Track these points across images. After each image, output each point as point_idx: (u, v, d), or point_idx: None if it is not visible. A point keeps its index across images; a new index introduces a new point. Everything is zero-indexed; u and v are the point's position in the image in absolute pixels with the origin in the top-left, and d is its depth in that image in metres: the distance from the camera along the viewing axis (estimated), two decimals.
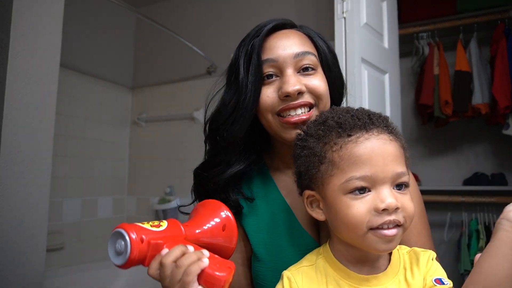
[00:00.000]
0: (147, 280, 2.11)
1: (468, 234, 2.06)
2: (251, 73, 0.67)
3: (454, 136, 2.32)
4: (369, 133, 0.53)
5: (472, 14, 2.10)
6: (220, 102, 0.72)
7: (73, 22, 2.14)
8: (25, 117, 1.03)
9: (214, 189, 0.71)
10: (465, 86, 2.05)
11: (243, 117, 0.67)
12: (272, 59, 0.67)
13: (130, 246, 0.47)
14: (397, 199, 0.50)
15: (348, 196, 0.51)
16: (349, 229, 0.52)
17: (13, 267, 0.99)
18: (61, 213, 2.12)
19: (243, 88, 0.67)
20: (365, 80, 1.46)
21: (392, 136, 0.54)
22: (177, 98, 2.51)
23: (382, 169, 0.50)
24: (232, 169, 0.71)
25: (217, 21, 2.45)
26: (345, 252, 0.56)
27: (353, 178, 0.51)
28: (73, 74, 2.23)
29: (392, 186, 0.52)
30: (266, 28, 0.69)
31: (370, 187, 0.51)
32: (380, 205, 0.49)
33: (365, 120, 0.54)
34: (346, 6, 1.40)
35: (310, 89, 0.67)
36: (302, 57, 0.67)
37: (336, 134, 0.54)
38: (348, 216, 0.51)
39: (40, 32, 1.08)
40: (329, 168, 0.53)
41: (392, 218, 0.50)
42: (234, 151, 0.71)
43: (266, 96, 0.68)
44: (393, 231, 0.50)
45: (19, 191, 1.02)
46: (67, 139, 2.20)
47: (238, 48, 0.72)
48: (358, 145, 0.52)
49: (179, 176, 2.43)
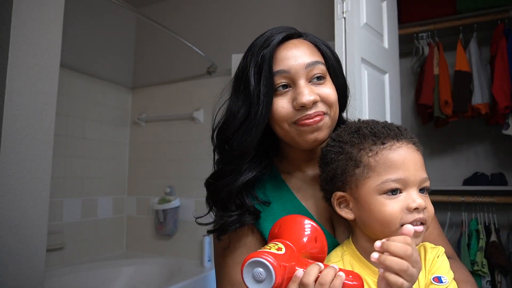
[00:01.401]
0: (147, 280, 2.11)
1: (468, 234, 2.06)
2: (263, 84, 0.68)
3: (454, 136, 2.32)
4: (400, 142, 0.61)
5: (472, 14, 2.10)
6: (227, 112, 0.73)
7: (73, 22, 2.14)
8: (25, 117, 1.04)
9: (228, 197, 0.71)
10: (465, 86, 2.05)
11: (255, 128, 0.68)
12: (284, 70, 0.68)
13: (274, 272, 0.49)
14: (423, 200, 0.58)
15: (383, 196, 0.59)
16: (383, 225, 0.58)
17: (13, 267, 0.99)
18: (61, 213, 2.12)
19: (255, 99, 0.68)
20: (365, 80, 1.46)
21: (416, 147, 0.63)
22: (177, 98, 2.51)
23: (413, 173, 0.59)
24: (244, 177, 0.71)
25: (217, 21, 2.45)
26: (371, 248, 0.59)
27: (389, 180, 0.58)
28: (73, 74, 2.23)
29: (418, 190, 0.59)
30: (276, 39, 0.70)
31: (402, 189, 0.59)
32: (412, 205, 0.57)
33: (396, 131, 0.62)
34: (346, 6, 1.40)
35: (323, 98, 0.69)
36: (313, 67, 0.69)
37: (371, 142, 0.62)
38: (384, 214, 0.58)
39: (40, 32, 1.08)
40: (365, 171, 0.60)
41: (421, 216, 0.58)
42: (245, 160, 0.71)
43: (281, 107, 0.69)
44: (421, 227, 0.58)
45: (19, 191, 1.02)
46: (67, 139, 2.20)
47: (245, 58, 0.72)
48: (393, 152, 0.60)
49: (179, 176, 2.43)
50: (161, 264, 2.25)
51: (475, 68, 2.05)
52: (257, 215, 0.72)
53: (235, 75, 0.74)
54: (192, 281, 1.93)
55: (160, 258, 2.35)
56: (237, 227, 0.70)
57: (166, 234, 2.38)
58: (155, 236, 2.46)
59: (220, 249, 0.76)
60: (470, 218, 2.10)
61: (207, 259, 2.18)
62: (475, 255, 1.96)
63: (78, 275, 2.05)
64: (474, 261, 1.96)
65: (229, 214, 0.70)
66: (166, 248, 2.42)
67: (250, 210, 0.71)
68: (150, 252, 2.46)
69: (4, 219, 0.97)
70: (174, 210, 2.35)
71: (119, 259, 2.34)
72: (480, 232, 2.01)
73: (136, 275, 2.22)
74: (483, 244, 1.97)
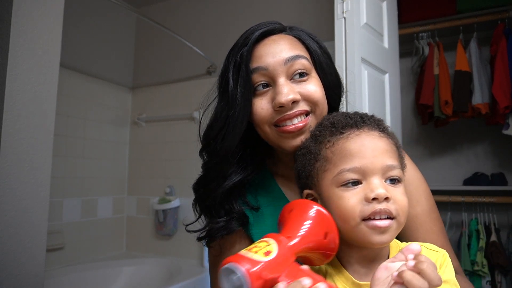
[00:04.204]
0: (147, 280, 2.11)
1: (468, 234, 2.07)
2: (240, 84, 0.64)
3: (454, 136, 2.32)
4: (359, 130, 0.55)
5: (472, 14, 2.10)
6: (212, 115, 0.70)
7: (73, 22, 2.14)
8: (25, 117, 1.03)
9: (214, 203, 0.69)
10: (465, 86, 2.05)
11: (233, 132, 0.65)
12: (262, 67, 0.64)
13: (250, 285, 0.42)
14: (388, 190, 0.51)
15: (340, 188, 0.53)
16: (342, 220, 0.52)
17: (13, 267, 0.99)
18: (61, 213, 2.12)
19: (233, 100, 0.64)
20: (365, 80, 1.46)
21: (383, 134, 0.56)
22: (177, 98, 2.51)
23: (371, 160, 0.52)
24: (229, 182, 0.68)
25: (217, 21, 2.45)
26: (347, 252, 0.56)
27: (344, 171, 0.53)
28: (73, 74, 2.23)
29: (384, 179, 0.53)
30: (253, 36, 0.65)
31: (361, 179, 0.53)
32: (370, 194, 0.50)
33: (357, 119, 0.57)
34: (346, 6, 1.40)
35: (305, 97, 0.64)
36: (293, 62, 0.64)
37: (329, 133, 0.57)
38: (341, 207, 0.52)
39: (40, 32, 1.08)
40: (323, 164, 0.56)
41: (382, 207, 0.50)
42: (229, 164, 0.68)
43: (260, 108, 0.65)
44: (385, 222, 0.50)
45: (19, 191, 1.02)
46: (67, 139, 2.20)
47: (227, 58, 0.68)
48: (349, 140, 0.55)
49: (179, 176, 2.43)
50: (161, 264, 2.25)
51: (475, 68, 2.05)
52: (243, 221, 0.69)
53: (219, 76, 0.71)
54: (192, 281, 1.93)
55: (160, 258, 2.35)
56: (224, 234, 0.68)
57: (166, 234, 2.38)
58: (155, 236, 2.46)
59: (211, 256, 0.74)
60: (470, 218, 2.10)
61: (207, 260, 2.18)
62: (475, 255, 1.96)
63: (78, 275, 2.05)
64: (474, 261, 1.96)
65: (217, 221, 0.68)
66: (166, 248, 2.42)
67: (237, 216, 0.68)
68: (150, 252, 2.46)
69: (4, 219, 0.97)
70: (174, 210, 2.35)
71: (119, 259, 2.34)
72: (480, 232, 2.01)
73: (136, 275, 2.22)
74: (483, 244, 1.97)
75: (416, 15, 2.24)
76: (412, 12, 2.24)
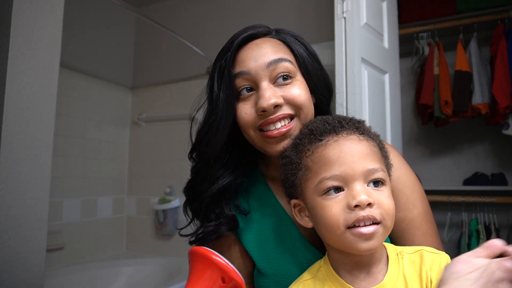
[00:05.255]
0: (147, 280, 2.11)
1: (468, 234, 2.07)
2: (223, 89, 0.64)
3: (454, 136, 2.32)
4: (338, 136, 0.54)
5: (472, 14, 2.10)
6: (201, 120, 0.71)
7: (73, 22, 2.13)
8: (25, 117, 1.03)
9: (201, 207, 0.69)
10: (465, 86, 2.05)
11: (216, 136, 0.65)
12: (244, 71, 0.64)
13: None
14: (371, 195, 0.50)
15: (323, 197, 0.52)
16: (328, 230, 0.52)
17: (13, 267, 0.99)
18: (61, 213, 2.12)
19: (216, 105, 0.65)
20: (365, 80, 1.46)
21: (362, 136, 0.55)
22: (177, 98, 2.51)
23: (350, 166, 0.51)
24: (216, 186, 0.68)
25: (217, 21, 2.45)
26: (340, 259, 0.56)
27: (324, 179, 0.52)
28: (73, 74, 2.23)
29: (366, 183, 0.52)
30: (236, 41, 0.66)
31: (343, 186, 0.52)
32: (351, 202, 0.49)
33: (335, 124, 0.56)
34: (346, 6, 1.40)
35: (288, 100, 0.63)
36: (275, 65, 0.63)
37: (308, 141, 0.56)
38: (324, 217, 0.51)
39: (40, 32, 1.08)
40: (305, 173, 0.55)
41: (365, 213, 0.49)
42: (215, 167, 0.68)
43: (244, 113, 0.64)
44: (370, 228, 0.49)
45: (19, 191, 1.02)
46: (67, 139, 2.20)
47: (214, 63, 0.69)
48: (327, 148, 0.54)
49: (179, 176, 2.42)
50: (161, 264, 2.25)
51: (475, 68, 2.05)
52: (233, 226, 0.69)
53: (207, 81, 0.71)
54: None
55: (160, 258, 2.34)
56: (214, 238, 0.68)
57: (166, 234, 2.38)
58: (155, 236, 2.46)
59: None
60: (470, 218, 2.10)
61: None
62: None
63: (78, 275, 2.05)
64: None
65: (207, 225, 0.68)
66: (166, 248, 2.42)
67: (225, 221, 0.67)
68: (150, 252, 2.46)
69: (4, 219, 0.97)
70: (174, 210, 2.35)
71: (119, 259, 2.34)
72: (480, 232, 2.01)
73: (136, 275, 2.22)
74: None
75: (416, 15, 2.24)
76: (412, 12, 2.24)
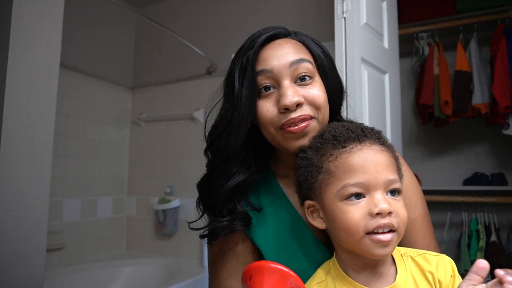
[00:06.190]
0: (147, 280, 2.11)
1: (468, 234, 2.07)
2: (245, 86, 0.66)
3: (454, 136, 2.32)
4: (362, 144, 0.57)
5: (472, 14, 2.10)
6: (218, 116, 0.72)
7: (73, 22, 2.14)
8: (25, 117, 1.03)
9: (216, 202, 0.70)
10: (465, 86, 2.05)
11: (237, 132, 0.66)
12: (267, 70, 0.66)
13: None
14: (390, 204, 0.53)
15: (344, 202, 0.54)
16: (347, 234, 0.54)
17: (13, 267, 0.99)
18: (61, 213, 2.12)
19: (238, 101, 0.66)
20: (365, 80, 1.46)
21: (383, 147, 0.58)
22: (177, 98, 2.51)
23: (374, 176, 0.54)
24: (232, 181, 0.69)
25: (217, 21, 2.45)
26: (349, 260, 0.58)
27: (348, 185, 0.54)
28: (73, 74, 2.23)
29: (385, 192, 0.55)
30: (260, 39, 0.68)
31: (364, 193, 0.54)
32: (374, 209, 0.52)
33: (358, 132, 0.58)
34: (346, 6, 1.40)
35: (309, 100, 0.65)
36: (297, 65, 0.66)
37: (332, 146, 0.58)
38: (345, 221, 0.54)
39: (40, 32, 1.08)
40: (326, 177, 0.57)
41: (386, 221, 0.52)
42: (233, 163, 0.70)
43: (266, 110, 0.66)
44: (388, 236, 0.52)
45: (19, 191, 1.02)
46: (67, 139, 2.20)
47: (233, 61, 0.70)
48: (352, 155, 0.56)
49: (179, 176, 2.43)
50: (161, 264, 2.25)
51: (475, 68, 2.05)
52: (247, 222, 0.70)
53: (225, 78, 0.73)
54: (192, 281, 1.93)
55: (160, 258, 2.35)
56: (227, 233, 0.69)
57: (166, 234, 2.38)
58: (155, 236, 2.46)
59: (212, 254, 0.76)
60: (470, 218, 2.10)
61: (207, 259, 2.18)
62: (475, 255, 1.96)
63: (78, 275, 2.05)
64: (474, 261, 1.95)
65: (220, 220, 0.69)
66: (166, 248, 2.42)
67: (240, 217, 0.69)
68: (150, 252, 2.46)
69: (4, 219, 0.97)
70: (174, 210, 2.35)
71: (119, 259, 2.34)
72: (480, 232, 2.01)
73: (136, 275, 2.22)
74: (483, 244, 1.97)
75: (416, 15, 2.24)
76: (412, 12, 2.24)
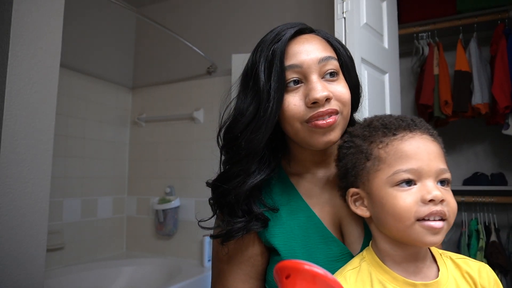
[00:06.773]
0: (147, 280, 2.11)
1: (468, 234, 2.07)
2: (274, 79, 0.65)
3: (454, 136, 2.32)
4: (413, 133, 0.57)
5: (472, 14, 2.10)
6: (235, 111, 0.70)
7: (73, 22, 2.14)
8: (25, 117, 1.03)
9: (236, 201, 0.68)
10: (465, 86, 2.05)
11: (265, 126, 0.64)
12: (296, 64, 0.66)
13: None
14: (442, 192, 0.53)
15: (395, 188, 0.54)
16: (396, 220, 0.54)
17: (13, 267, 0.99)
18: (61, 213, 2.12)
19: (264, 95, 0.65)
20: (365, 80, 1.46)
21: (433, 138, 0.59)
22: (177, 98, 2.51)
23: (427, 163, 0.54)
24: (253, 179, 0.68)
25: (217, 21, 2.45)
26: (391, 250, 0.57)
27: (400, 171, 0.54)
28: (73, 74, 2.23)
29: (436, 181, 0.54)
30: (288, 33, 0.67)
31: (416, 180, 0.54)
32: (427, 196, 0.52)
33: (409, 121, 0.59)
34: (346, 6, 1.40)
35: (336, 96, 0.66)
36: (326, 62, 0.66)
37: (382, 134, 0.59)
38: (396, 207, 0.53)
39: (40, 32, 1.08)
40: (375, 163, 0.57)
41: (438, 208, 0.52)
42: (254, 160, 0.68)
43: (293, 104, 0.65)
44: (439, 223, 0.52)
45: (19, 191, 1.02)
46: (67, 139, 2.20)
47: (254, 54, 0.69)
48: (404, 142, 0.56)
49: (179, 176, 2.43)
50: (161, 264, 2.25)
51: (475, 68, 2.05)
52: (265, 223, 0.69)
53: (244, 72, 0.72)
54: (192, 281, 1.93)
55: (160, 258, 2.35)
56: (244, 233, 0.68)
57: (166, 234, 2.38)
58: (155, 236, 2.46)
59: (220, 254, 0.73)
60: (470, 218, 2.10)
61: (207, 259, 2.18)
62: (475, 255, 1.96)
63: (78, 275, 2.05)
64: None
65: (236, 220, 0.67)
66: (166, 248, 2.42)
67: (259, 217, 0.67)
68: (150, 252, 2.46)
69: (4, 219, 0.97)
70: (174, 210, 2.35)
71: (119, 259, 2.34)
72: (480, 232, 2.01)
73: (136, 275, 2.22)
74: (483, 244, 1.97)
75: (416, 15, 2.24)
76: (412, 12, 2.24)
